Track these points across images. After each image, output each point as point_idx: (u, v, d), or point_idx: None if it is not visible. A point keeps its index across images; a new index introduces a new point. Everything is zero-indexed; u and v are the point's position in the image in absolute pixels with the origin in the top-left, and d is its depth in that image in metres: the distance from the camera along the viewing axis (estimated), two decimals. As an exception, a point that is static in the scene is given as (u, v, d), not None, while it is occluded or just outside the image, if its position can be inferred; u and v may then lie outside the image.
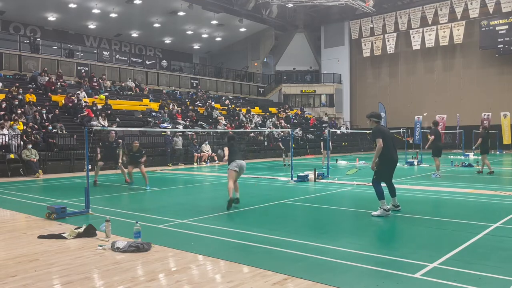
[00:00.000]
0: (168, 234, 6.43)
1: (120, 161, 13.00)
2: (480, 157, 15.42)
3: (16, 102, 18.94)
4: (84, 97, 22.41)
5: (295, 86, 40.13)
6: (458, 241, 5.66)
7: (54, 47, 28.45)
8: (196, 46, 40.70)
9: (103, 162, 13.06)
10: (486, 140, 14.93)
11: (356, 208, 8.56)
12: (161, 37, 37.23)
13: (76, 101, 21.61)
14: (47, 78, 22.92)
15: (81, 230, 6.30)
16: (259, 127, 28.56)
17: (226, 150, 8.90)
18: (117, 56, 30.93)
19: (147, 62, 32.28)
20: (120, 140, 15.84)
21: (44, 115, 19.13)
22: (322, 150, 19.83)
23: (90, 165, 9.65)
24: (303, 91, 39.96)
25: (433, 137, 14.22)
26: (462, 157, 23.66)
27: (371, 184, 8.02)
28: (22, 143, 16.21)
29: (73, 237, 6.15)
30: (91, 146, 14.91)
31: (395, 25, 36.16)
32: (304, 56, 41.86)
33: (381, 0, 35.64)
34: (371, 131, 7.87)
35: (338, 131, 33.98)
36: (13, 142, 16.12)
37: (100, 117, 20.37)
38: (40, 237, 6.22)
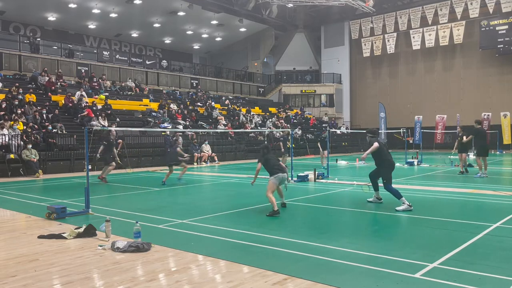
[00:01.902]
0: (168, 234, 6.43)
1: (183, 158, 13.39)
2: (457, 156, 15.84)
3: (16, 102, 18.94)
4: (84, 97, 22.39)
5: (295, 86, 40.13)
6: (458, 241, 5.66)
7: (54, 47, 28.44)
8: (196, 46, 40.70)
9: (113, 165, 13.49)
10: (464, 140, 15.28)
11: (356, 208, 8.56)
12: (161, 37, 37.23)
13: (76, 101, 21.60)
14: (47, 78, 22.92)
15: (81, 230, 6.30)
16: (259, 127, 28.55)
17: (259, 166, 8.41)
18: (117, 56, 30.92)
19: (147, 62, 32.27)
20: (120, 140, 15.89)
21: (44, 115, 19.13)
22: (321, 150, 19.68)
23: (90, 165, 9.66)
24: (303, 91, 39.96)
25: (470, 136, 13.70)
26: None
27: (369, 184, 8.37)
28: (22, 143, 16.21)
29: (73, 237, 6.15)
30: (91, 146, 14.96)
31: (395, 25, 36.15)
32: (304, 56, 41.85)
33: (381, 0, 35.64)
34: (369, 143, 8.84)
35: (338, 131, 33.98)
36: (13, 142, 16.12)
37: (100, 117, 20.37)
38: (40, 237, 6.22)
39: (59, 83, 23.66)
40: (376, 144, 8.31)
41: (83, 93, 22.69)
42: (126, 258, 5.14)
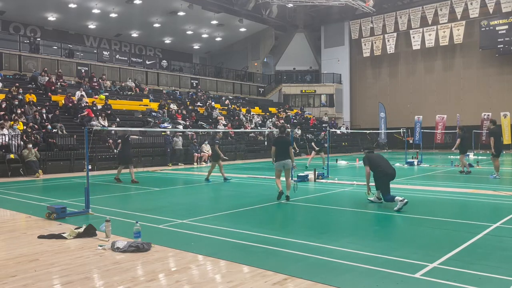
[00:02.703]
0: (168, 234, 6.43)
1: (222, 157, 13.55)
2: (459, 157, 15.92)
3: (16, 102, 18.94)
4: (84, 96, 22.38)
5: (295, 86, 40.13)
6: (458, 241, 5.66)
7: (54, 47, 28.44)
8: (196, 46, 40.70)
9: (131, 166, 13.27)
10: (465, 140, 15.44)
11: (356, 208, 8.56)
12: (161, 37, 37.23)
13: (76, 101, 21.60)
14: (47, 78, 22.92)
15: (81, 230, 6.30)
16: (259, 127, 28.55)
17: (273, 149, 9.64)
18: (117, 56, 30.92)
19: (147, 62, 32.27)
20: (133, 136, 15.96)
21: (44, 115, 19.12)
22: (313, 152, 19.16)
23: (90, 165, 9.67)
24: (303, 91, 39.96)
25: (492, 138, 13.49)
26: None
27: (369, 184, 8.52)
28: (22, 143, 16.21)
29: (73, 237, 6.15)
30: (91, 146, 14.95)
31: (395, 25, 36.16)
32: (304, 56, 41.85)
33: (381, 0, 35.64)
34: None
35: (338, 131, 33.98)
36: (13, 142, 16.12)
37: (100, 117, 20.37)
38: (40, 237, 6.22)
39: (59, 83, 23.66)
40: (367, 170, 8.53)
41: (83, 93, 22.69)
42: (126, 258, 5.15)
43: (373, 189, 8.77)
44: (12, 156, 15.69)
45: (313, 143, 19.51)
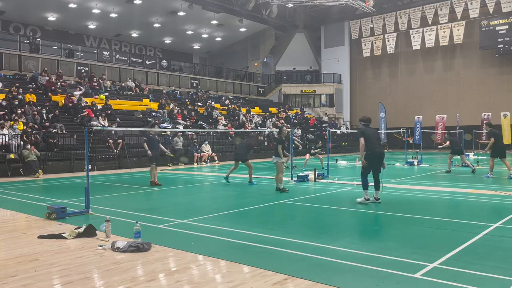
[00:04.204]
0: (168, 234, 6.43)
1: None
2: (458, 156, 16.79)
3: (16, 102, 18.94)
4: (81, 95, 22.36)
5: (295, 86, 40.12)
6: (458, 241, 5.66)
7: (54, 47, 28.44)
8: (196, 46, 40.69)
9: (153, 165, 12.54)
10: (454, 143, 16.36)
11: (356, 208, 8.56)
12: (161, 37, 37.23)
13: (76, 101, 21.60)
14: (47, 78, 22.92)
15: (81, 230, 6.30)
16: (259, 127, 28.54)
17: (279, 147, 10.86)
18: (117, 56, 30.92)
19: (147, 62, 32.27)
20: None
21: (44, 115, 19.12)
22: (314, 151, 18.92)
23: (90, 165, 9.65)
24: (303, 91, 39.95)
25: (492, 139, 13.59)
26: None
27: (369, 184, 8.47)
28: (22, 143, 16.21)
29: (73, 237, 6.15)
30: (91, 146, 14.92)
31: (395, 25, 36.15)
32: (304, 56, 41.84)
33: (381, 0, 35.64)
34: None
35: (338, 131, 33.98)
36: (13, 142, 16.12)
37: (100, 117, 20.37)
38: (40, 237, 6.22)
39: (59, 83, 23.66)
40: (362, 142, 8.61)
41: (81, 92, 22.72)
42: (126, 258, 5.15)
43: (372, 188, 8.76)
44: (12, 156, 15.69)
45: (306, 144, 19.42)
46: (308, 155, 18.67)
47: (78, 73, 26.38)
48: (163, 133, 21.57)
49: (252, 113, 31.36)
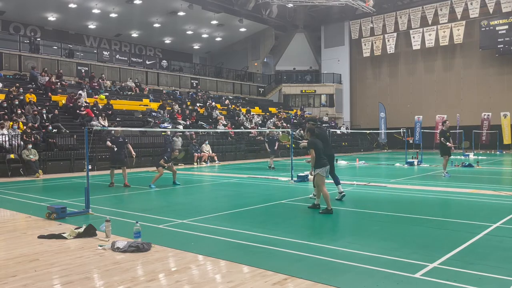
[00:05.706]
0: (168, 234, 6.43)
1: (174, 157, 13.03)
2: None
3: (16, 102, 18.94)
4: (81, 95, 22.34)
5: (295, 86, 40.13)
6: (458, 241, 5.66)
7: (54, 47, 28.44)
8: (196, 46, 40.70)
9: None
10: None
11: (356, 208, 8.56)
12: (161, 37, 37.22)
13: (78, 102, 21.59)
14: (47, 78, 22.91)
15: (81, 230, 6.30)
16: (259, 127, 28.54)
17: (312, 151, 8.07)
18: (117, 56, 30.92)
19: (147, 62, 32.27)
20: (126, 140, 15.69)
21: (44, 115, 19.12)
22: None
23: (90, 165, 9.64)
24: (303, 91, 39.96)
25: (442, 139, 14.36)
26: (462, 157, 23.65)
27: (369, 184, 8.33)
28: (22, 143, 16.21)
29: (73, 237, 6.15)
30: (91, 146, 14.90)
31: (395, 25, 36.15)
32: (304, 56, 41.84)
33: (381, 0, 35.64)
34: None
35: (338, 131, 33.98)
36: (13, 142, 16.11)
37: (100, 117, 20.37)
38: (40, 237, 6.22)
39: (59, 83, 23.65)
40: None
41: (81, 92, 22.72)
42: (126, 258, 5.15)
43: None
44: (12, 156, 15.69)
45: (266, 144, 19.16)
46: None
47: (78, 73, 26.39)
48: (163, 133, 21.57)
49: (252, 113, 31.36)
